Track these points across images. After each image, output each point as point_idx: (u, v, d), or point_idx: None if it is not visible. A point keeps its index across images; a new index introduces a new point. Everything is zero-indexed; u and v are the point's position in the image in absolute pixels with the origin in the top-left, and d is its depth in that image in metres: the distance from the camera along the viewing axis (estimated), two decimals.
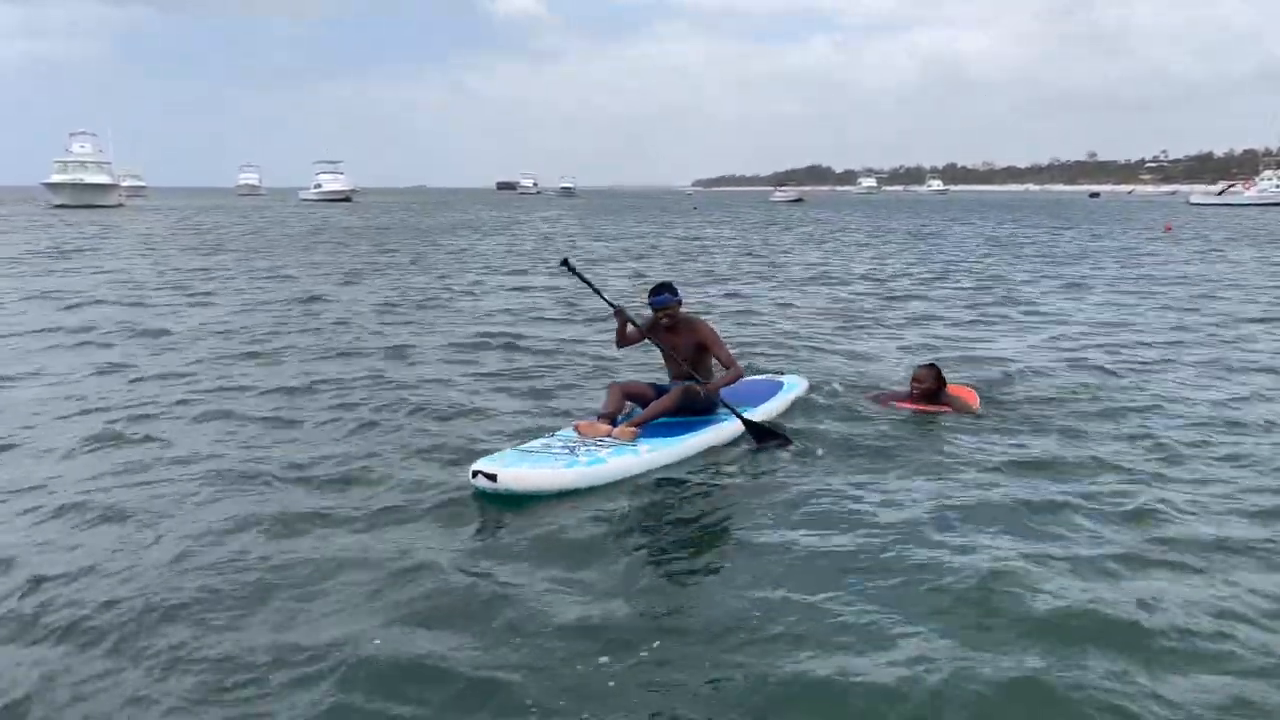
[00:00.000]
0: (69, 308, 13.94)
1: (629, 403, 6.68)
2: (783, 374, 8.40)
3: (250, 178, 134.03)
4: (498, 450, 5.94)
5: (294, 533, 4.96)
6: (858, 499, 5.45)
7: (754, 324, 12.96)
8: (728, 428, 6.64)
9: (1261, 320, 13.36)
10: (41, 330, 11.74)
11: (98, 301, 14.73)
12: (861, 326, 12.85)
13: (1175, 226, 43.54)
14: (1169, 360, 10.00)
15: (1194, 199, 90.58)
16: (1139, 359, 10.08)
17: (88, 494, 5.58)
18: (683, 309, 6.90)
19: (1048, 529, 4.99)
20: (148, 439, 6.72)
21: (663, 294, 6.75)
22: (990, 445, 6.53)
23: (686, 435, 6.40)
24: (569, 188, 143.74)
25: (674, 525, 5.28)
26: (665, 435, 6.34)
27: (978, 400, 7.49)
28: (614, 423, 6.35)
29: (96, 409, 7.61)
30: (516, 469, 5.53)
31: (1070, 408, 7.62)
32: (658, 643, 3.79)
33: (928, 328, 12.79)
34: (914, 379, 7.45)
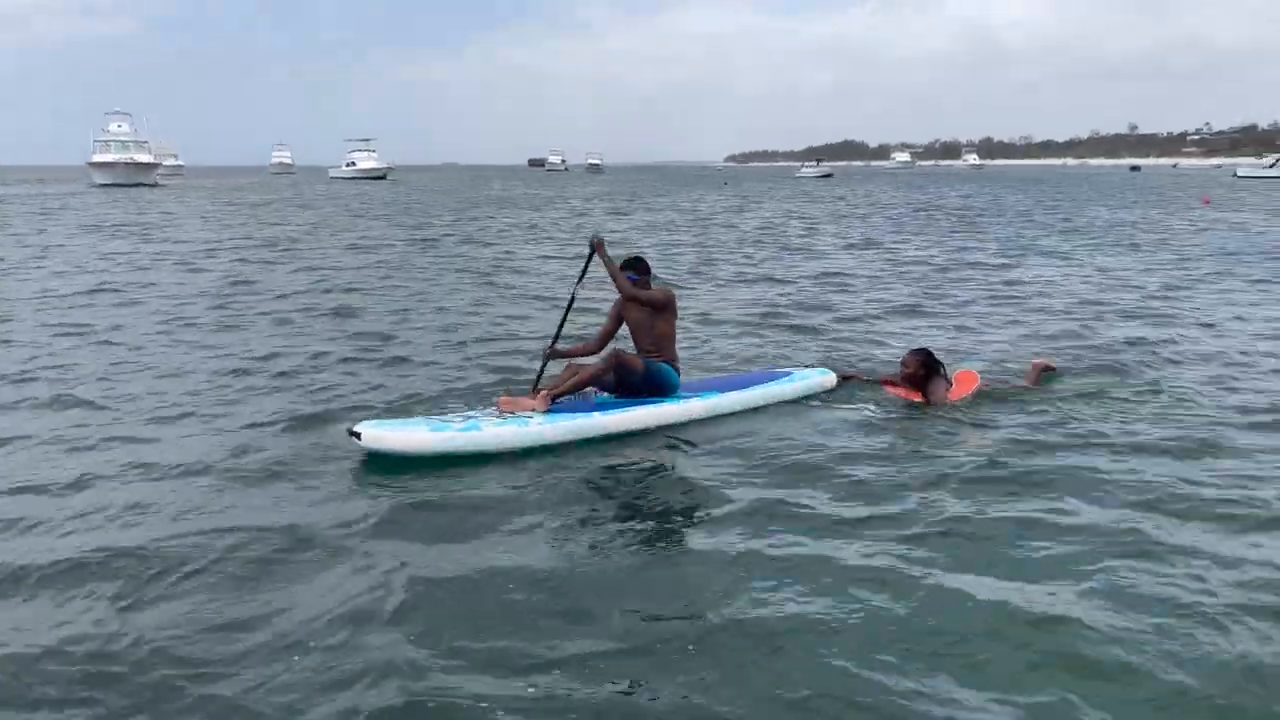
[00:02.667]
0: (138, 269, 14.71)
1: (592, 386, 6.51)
2: (812, 368, 7.82)
3: (283, 156, 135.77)
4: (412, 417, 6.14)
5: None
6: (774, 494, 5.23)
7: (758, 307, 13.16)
8: (667, 408, 6.39)
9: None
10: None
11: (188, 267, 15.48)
12: (861, 306, 13.15)
13: (1225, 201, 42.83)
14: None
15: (1241, 171, 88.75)
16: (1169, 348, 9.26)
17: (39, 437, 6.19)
18: (656, 284, 6.85)
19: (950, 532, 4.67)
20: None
21: (626, 269, 6.74)
22: (951, 437, 6.28)
23: (597, 413, 6.12)
24: (597, 164, 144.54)
25: (553, 503, 5.04)
26: (574, 411, 6.12)
27: (971, 390, 7.21)
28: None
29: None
30: (378, 429, 5.61)
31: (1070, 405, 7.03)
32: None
33: (930, 306, 13.00)
34: (901, 362, 7.37)
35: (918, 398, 7.17)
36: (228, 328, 10.53)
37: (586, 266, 6.90)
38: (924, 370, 7.21)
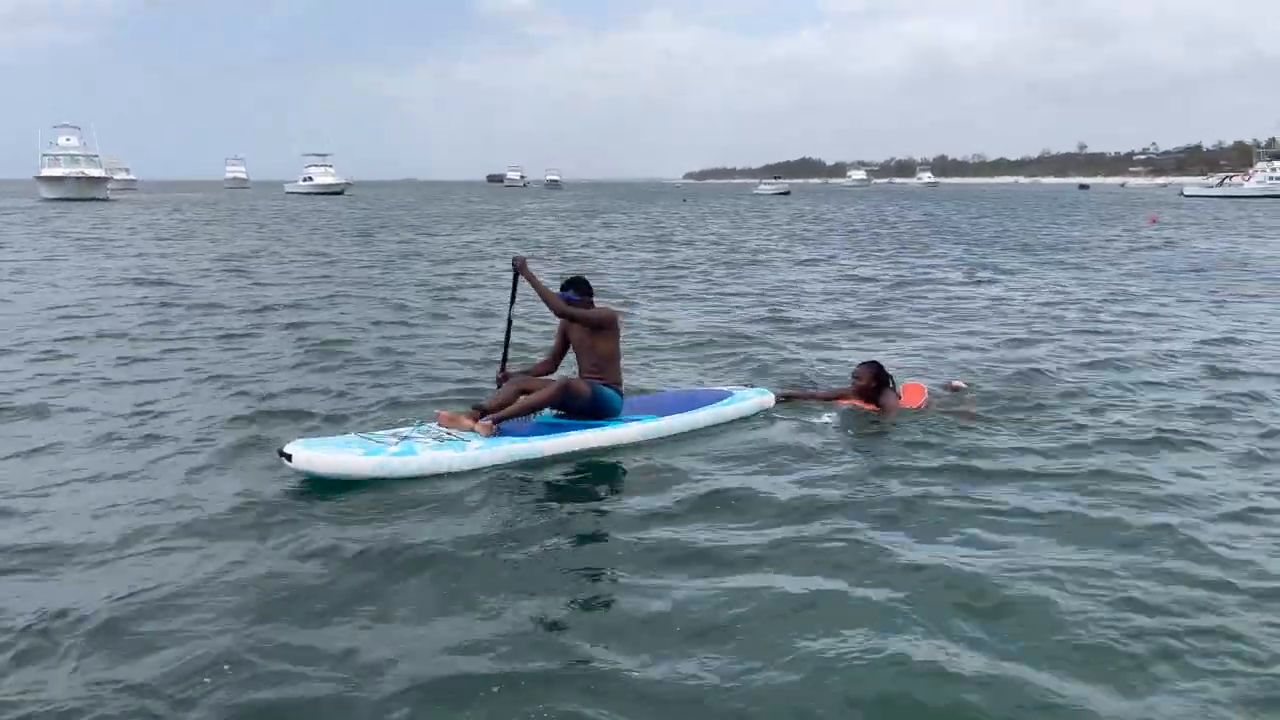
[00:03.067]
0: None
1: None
2: (752, 386, 7.86)
3: (237, 170, 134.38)
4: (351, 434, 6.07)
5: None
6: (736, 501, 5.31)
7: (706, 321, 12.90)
8: (607, 431, 6.33)
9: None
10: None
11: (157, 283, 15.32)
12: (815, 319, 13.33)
13: (1169, 220, 43.63)
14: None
15: (1188, 190, 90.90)
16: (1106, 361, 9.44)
17: None
18: (600, 304, 6.80)
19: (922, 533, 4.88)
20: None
21: (567, 289, 6.72)
22: (911, 440, 6.50)
23: (535, 439, 6.09)
24: (555, 180, 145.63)
25: (502, 527, 4.92)
26: (517, 434, 6.09)
27: (920, 401, 7.41)
28: (486, 415, 6.18)
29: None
30: (310, 451, 5.50)
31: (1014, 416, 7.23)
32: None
33: (891, 323, 13.19)
34: (853, 375, 7.53)
35: (871, 409, 7.34)
36: (175, 340, 10.49)
37: (515, 289, 6.81)
38: (875, 382, 7.40)
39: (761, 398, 7.45)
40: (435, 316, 12.63)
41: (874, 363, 7.62)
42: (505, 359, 6.88)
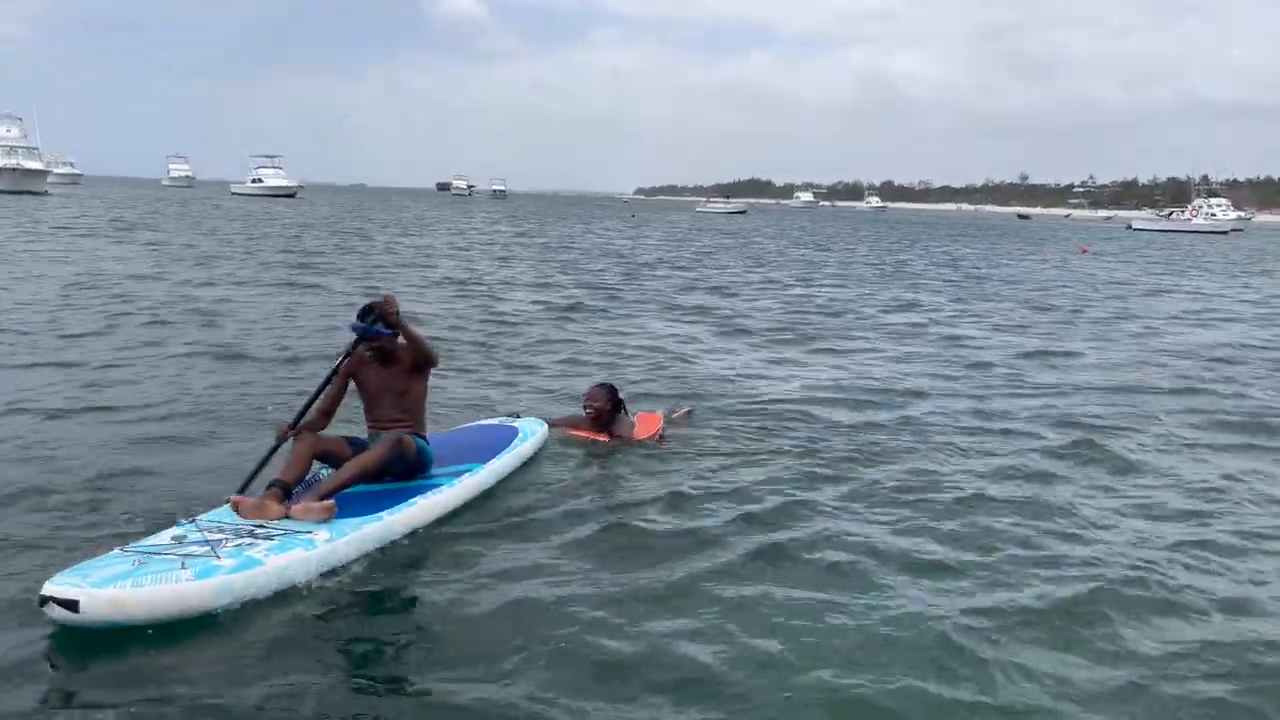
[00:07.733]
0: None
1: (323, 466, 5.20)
2: (519, 416, 6.89)
3: (182, 168, 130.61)
4: (99, 553, 4.00)
5: None
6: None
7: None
8: (447, 493, 5.23)
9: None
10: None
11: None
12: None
13: (1102, 252, 44.46)
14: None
15: (1136, 224, 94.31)
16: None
17: None
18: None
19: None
20: None
21: (367, 318, 5.29)
22: (640, 478, 6.10)
23: (387, 511, 4.80)
24: (501, 190, 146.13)
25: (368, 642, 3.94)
26: (360, 513, 4.69)
27: (656, 429, 6.91)
28: (290, 495, 4.73)
29: None
30: (111, 589, 3.65)
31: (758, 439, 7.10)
32: None
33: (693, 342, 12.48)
34: (587, 398, 6.86)
35: (604, 438, 6.74)
36: None
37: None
38: (610, 405, 6.82)
39: (542, 429, 6.67)
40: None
41: (608, 384, 7.04)
42: (303, 414, 5.23)
